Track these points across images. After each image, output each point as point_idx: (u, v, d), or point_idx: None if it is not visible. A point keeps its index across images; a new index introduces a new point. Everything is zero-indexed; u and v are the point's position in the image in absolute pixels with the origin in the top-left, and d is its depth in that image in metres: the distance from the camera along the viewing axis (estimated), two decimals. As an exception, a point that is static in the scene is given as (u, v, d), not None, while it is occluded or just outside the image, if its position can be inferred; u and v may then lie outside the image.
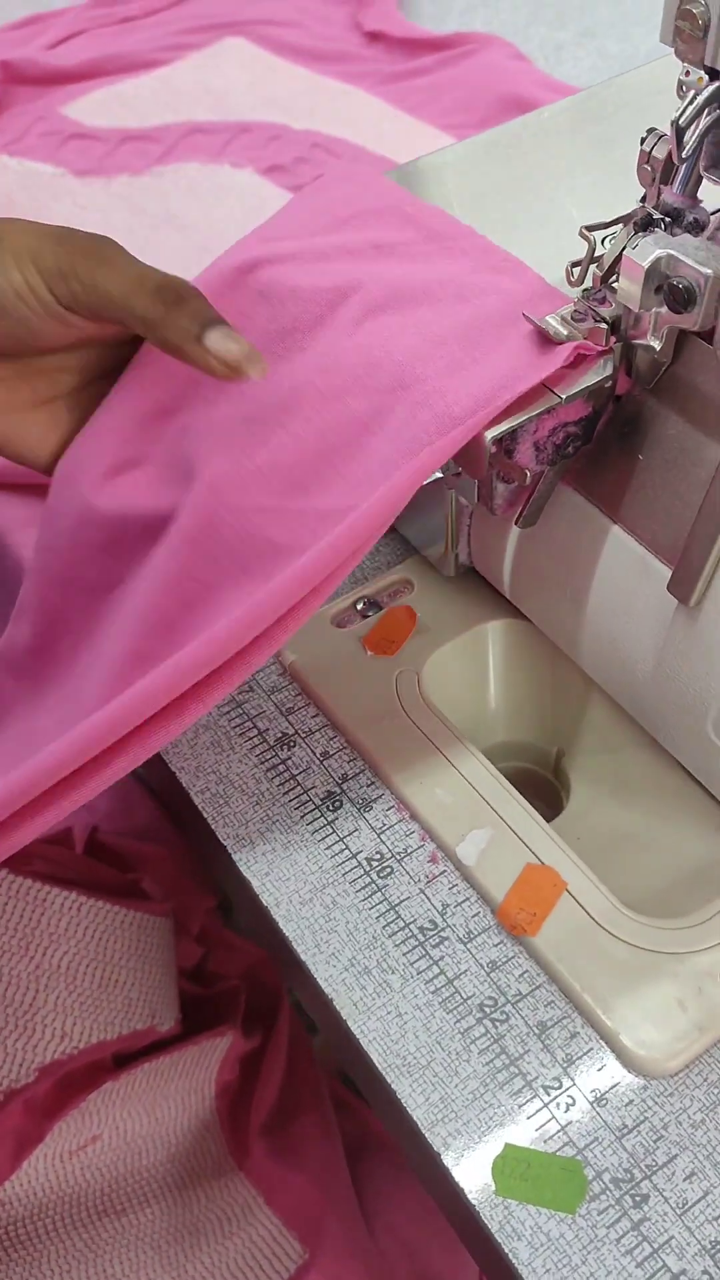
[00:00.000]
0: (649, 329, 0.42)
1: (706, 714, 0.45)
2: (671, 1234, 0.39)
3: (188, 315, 0.41)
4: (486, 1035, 0.44)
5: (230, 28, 1.01)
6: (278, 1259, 0.62)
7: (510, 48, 0.94)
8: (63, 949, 0.60)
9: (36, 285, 0.42)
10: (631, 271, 0.40)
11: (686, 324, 0.40)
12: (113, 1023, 0.62)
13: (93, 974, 0.62)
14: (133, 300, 0.41)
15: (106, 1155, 0.62)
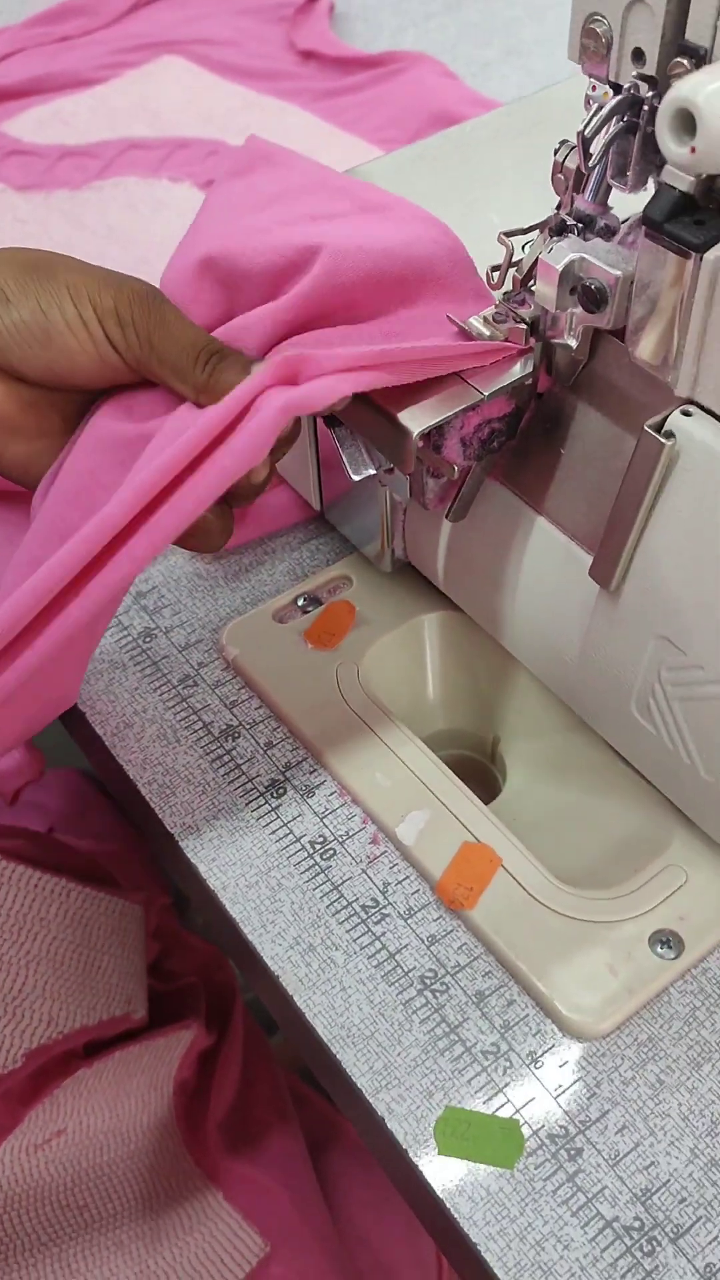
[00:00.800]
0: (565, 329, 0.44)
1: (630, 694, 0.47)
2: (604, 1184, 0.41)
3: (231, 367, 0.42)
4: (427, 1005, 0.46)
5: (167, 46, 1.03)
6: (239, 1253, 0.63)
7: (439, 65, 0.97)
8: (50, 933, 0.61)
9: (91, 322, 0.42)
10: (547, 274, 0.42)
11: (599, 323, 0.43)
12: (95, 1008, 0.63)
13: (77, 959, 0.63)
14: (181, 364, 0.43)
15: (70, 1150, 0.63)
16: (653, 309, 0.40)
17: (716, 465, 0.40)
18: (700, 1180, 0.41)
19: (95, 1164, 0.64)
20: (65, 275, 0.43)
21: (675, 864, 0.48)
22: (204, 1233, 0.64)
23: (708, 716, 0.44)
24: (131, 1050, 0.65)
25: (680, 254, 0.38)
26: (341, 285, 0.44)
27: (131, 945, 0.66)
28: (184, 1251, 0.63)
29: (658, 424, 0.41)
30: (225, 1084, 0.70)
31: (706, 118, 0.30)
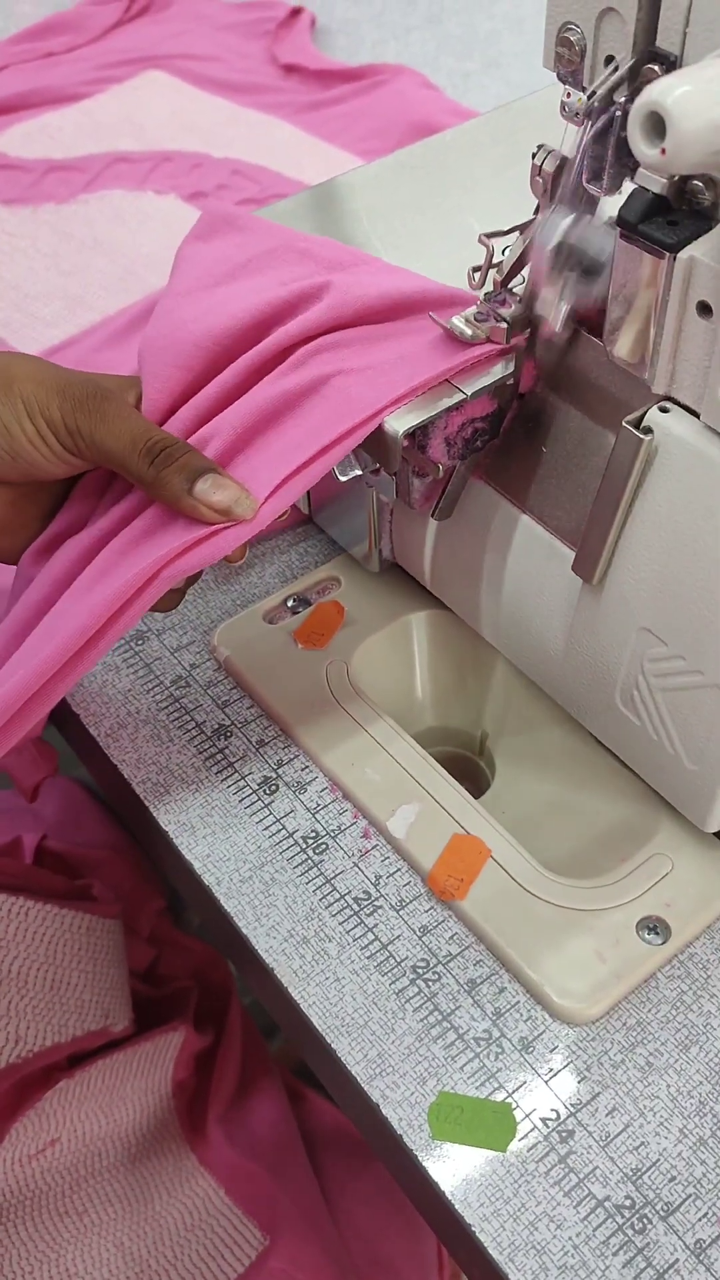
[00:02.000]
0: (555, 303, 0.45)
1: (614, 686, 0.48)
2: (596, 1164, 0.42)
3: (176, 472, 0.44)
4: (420, 994, 0.47)
5: (151, 61, 1.04)
6: (239, 1246, 0.64)
7: (420, 77, 0.98)
8: (12, 954, 0.62)
9: (46, 435, 0.45)
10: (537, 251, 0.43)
11: (590, 295, 0.43)
12: (66, 1025, 0.64)
13: (43, 977, 0.63)
14: (129, 460, 0.45)
15: (65, 1158, 0.63)
16: (629, 308, 0.41)
17: (694, 460, 0.41)
18: (689, 1159, 0.42)
19: (94, 1169, 0.64)
20: (20, 386, 0.45)
21: (661, 852, 0.49)
22: (205, 1229, 0.65)
23: (690, 707, 0.45)
24: (117, 1058, 0.66)
25: (654, 254, 0.39)
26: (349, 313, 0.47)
27: (106, 959, 0.67)
28: (185, 1249, 0.64)
29: (636, 420, 0.42)
30: (224, 1082, 0.71)
31: (675, 120, 0.31)
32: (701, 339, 0.39)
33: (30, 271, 0.83)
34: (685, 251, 0.38)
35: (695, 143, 0.31)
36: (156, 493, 0.45)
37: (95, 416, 0.45)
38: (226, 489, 0.44)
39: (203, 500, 0.44)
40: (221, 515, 0.44)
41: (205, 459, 0.45)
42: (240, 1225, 0.65)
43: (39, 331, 0.79)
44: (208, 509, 0.44)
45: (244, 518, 0.44)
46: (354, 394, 0.44)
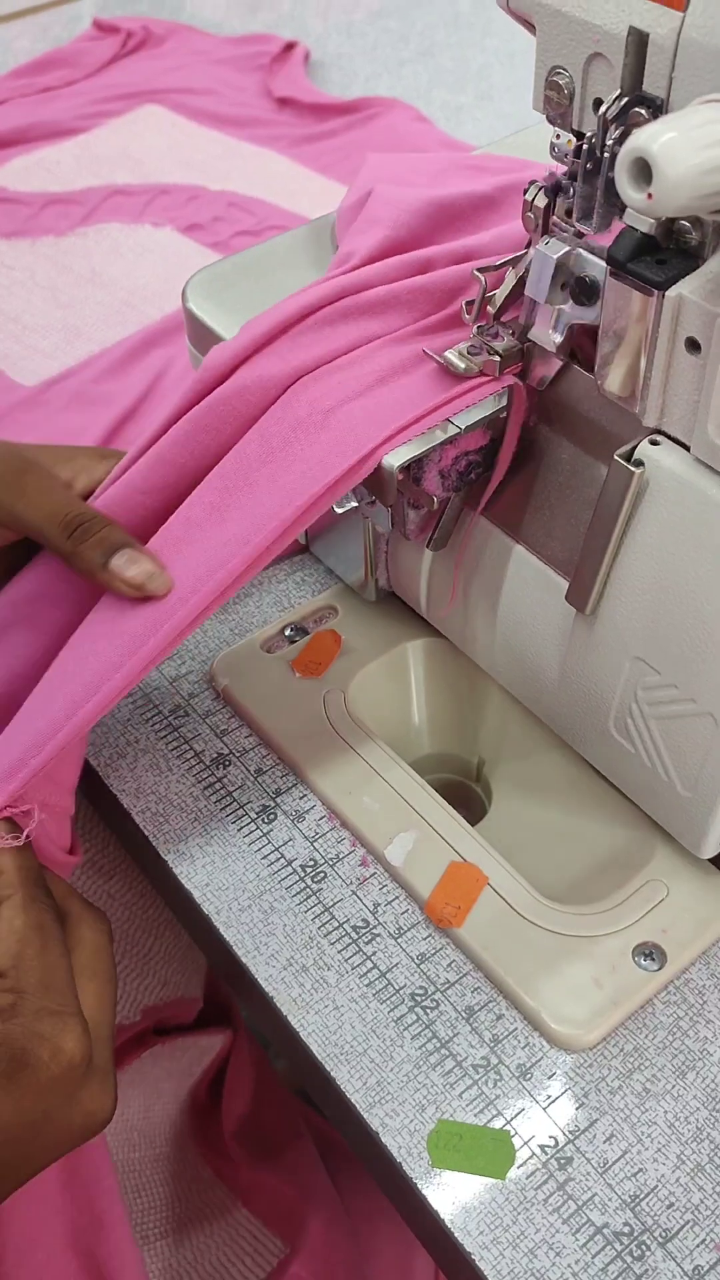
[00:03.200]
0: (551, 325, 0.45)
1: (608, 714, 0.49)
2: (594, 1191, 0.43)
3: (93, 547, 0.46)
4: (418, 1022, 0.47)
5: (148, 96, 1.06)
6: (259, 1254, 0.64)
7: (412, 110, 1.00)
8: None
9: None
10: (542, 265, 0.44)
11: (588, 318, 0.44)
12: (192, 980, 0.65)
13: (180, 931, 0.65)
14: (46, 532, 0.47)
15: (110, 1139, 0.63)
16: (620, 344, 0.42)
17: (684, 492, 0.42)
18: (687, 1185, 0.43)
19: (127, 1159, 0.64)
20: None
21: (657, 878, 0.50)
22: (225, 1235, 0.65)
23: (683, 734, 0.46)
24: (185, 1042, 0.66)
25: (644, 292, 0.40)
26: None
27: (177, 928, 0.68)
28: (206, 1252, 0.64)
29: (627, 453, 0.43)
30: (236, 1096, 0.71)
31: (661, 165, 0.32)
32: (690, 374, 0.40)
33: (28, 304, 0.84)
34: (673, 289, 0.39)
35: (680, 187, 0.32)
36: (74, 565, 0.47)
37: (15, 490, 0.47)
38: (140, 564, 0.46)
39: (117, 575, 0.45)
40: (135, 590, 0.45)
41: (123, 534, 0.47)
42: (259, 1234, 0.65)
43: (37, 363, 0.79)
44: (122, 583, 0.45)
45: (157, 594, 0.45)
46: (355, 429, 0.45)
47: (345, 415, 0.46)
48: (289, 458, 0.46)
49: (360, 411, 0.46)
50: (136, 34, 1.13)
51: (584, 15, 0.39)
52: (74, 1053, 0.39)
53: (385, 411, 0.46)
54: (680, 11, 0.36)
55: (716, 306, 0.38)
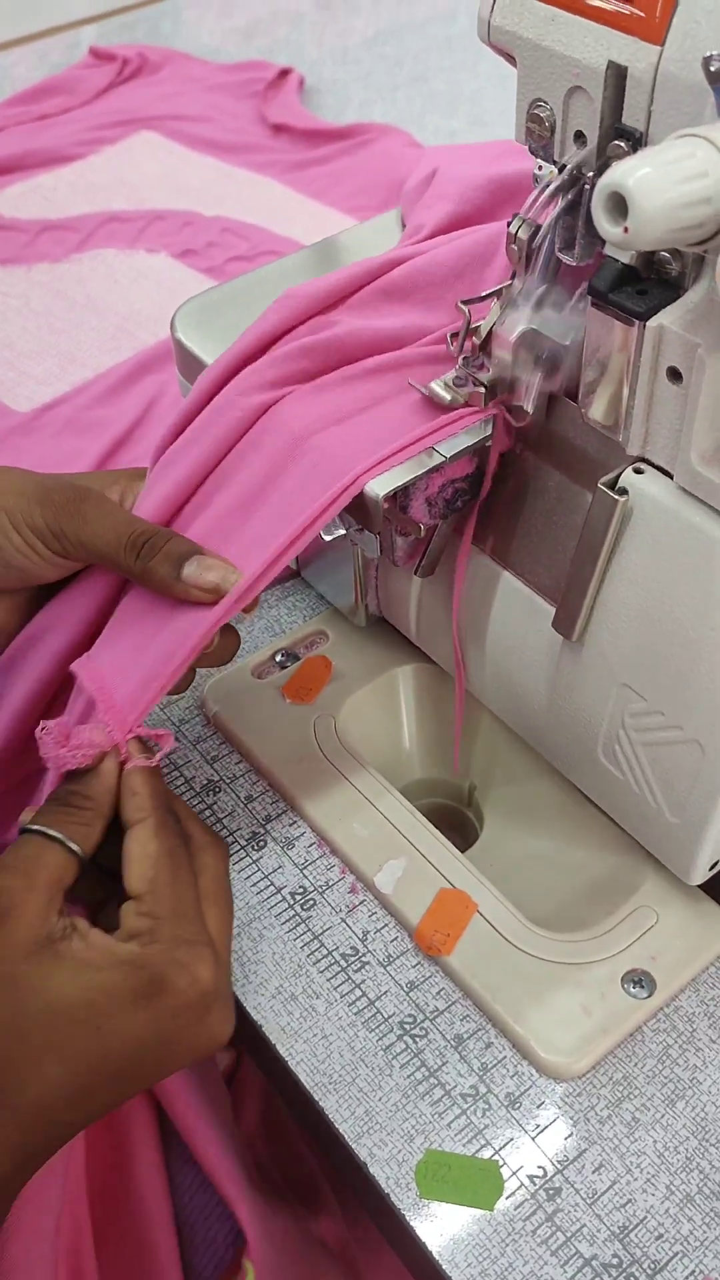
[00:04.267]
0: (522, 393, 0.46)
1: (596, 740, 0.49)
2: (583, 1222, 0.42)
3: (162, 561, 0.46)
4: (407, 1050, 0.47)
5: (143, 122, 1.07)
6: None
7: (405, 136, 1.01)
8: None
9: (34, 543, 0.47)
10: (501, 344, 0.45)
11: (551, 388, 0.45)
12: None
13: None
14: (116, 555, 0.47)
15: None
16: (602, 373, 0.42)
17: (668, 520, 0.42)
18: (676, 1216, 0.42)
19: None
20: (2, 500, 0.47)
21: (646, 905, 0.50)
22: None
23: (670, 761, 0.46)
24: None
25: (625, 322, 0.40)
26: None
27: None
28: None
29: (611, 481, 0.43)
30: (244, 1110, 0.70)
31: (637, 200, 0.32)
32: (672, 403, 0.40)
33: (23, 330, 0.84)
34: (654, 320, 0.39)
35: (656, 222, 0.32)
36: (146, 582, 0.46)
37: (78, 519, 0.47)
38: (213, 569, 0.45)
39: (192, 583, 0.45)
40: (212, 594, 0.45)
41: (188, 542, 0.46)
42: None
43: (31, 389, 0.80)
44: (198, 591, 0.45)
45: (231, 591, 0.45)
46: (337, 460, 0.45)
47: (329, 444, 0.46)
48: (277, 488, 0.46)
49: (344, 441, 0.46)
50: (132, 61, 1.14)
51: (563, 49, 0.39)
52: (207, 981, 0.41)
53: (369, 442, 0.46)
54: (658, 46, 0.37)
55: (697, 337, 0.38)
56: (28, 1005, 0.39)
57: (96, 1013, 0.40)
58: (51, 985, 0.39)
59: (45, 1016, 0.39)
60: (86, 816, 0.44)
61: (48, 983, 0.39)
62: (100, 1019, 0.39)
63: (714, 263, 0.36)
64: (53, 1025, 0.39)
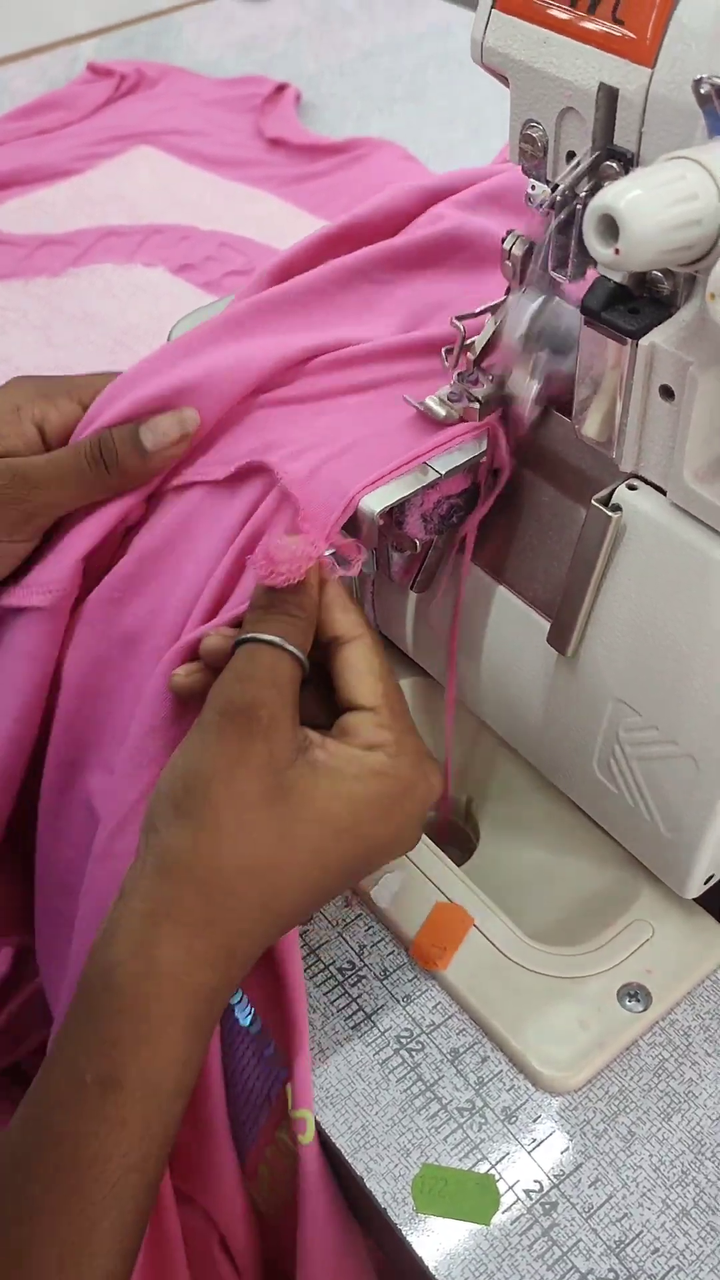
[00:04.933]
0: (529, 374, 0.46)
1: (592, 754, 0.49)
2: (579, 1237, 0.42)
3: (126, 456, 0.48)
4: (404, 1065, 0.47)
5: (140, 137, 1.07)
6: None
7: (400, 150, 1.01)
8: None
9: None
10: (497, 357, 0.45)
11: (562, 366, 0.45)
12: None
13: None
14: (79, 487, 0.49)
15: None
16: (596, 390, 0.42)
17: (661, 537, 0.42)
18: (672, 1230, 0.42)
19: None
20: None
21: (642, 918, 0.50)
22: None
23: (665, 775, 0.46)
24: None
25: (617, 340, 0.40)
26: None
27: None
28: None
29: (605, 498, 0.43)
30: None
31: (628, 222, 0.32)
32: (665, 421, 0.41)
33: (21, 345, 0.85)
34: (647, 338, 0.39)
35: (647, 243, 0.33)
36: (126, 485, 0.48)
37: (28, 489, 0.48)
38: (161, 425, 0.48)
39: (161, 451, 0.48)
40: (182, 442, 0.48)
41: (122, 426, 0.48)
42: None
43: (30, 403, 0.80)
44: (171, 449, 0.48)
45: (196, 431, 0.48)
46: (339, 480, 0.46)
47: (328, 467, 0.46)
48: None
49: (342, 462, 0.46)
50: (130, 76, 1.14)
51: (555, 71, 0.40)
52: (437, 789, 0.44)
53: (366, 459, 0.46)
54: (649, 68, 0.37)
55: (689, 355, 0.38)
56: (300, 815, 0.40)
57: (359, 821, 0.41)
58: (317, 795, 0.41)
59: (314, 827, 0.41)
60: (303, 626, 0.43)
61: (313, 793, 0.41)
62: (362, 827, 0.41)
63: (705, 282, 0.36)
64: (321, 835, 0.41)
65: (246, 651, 0.42)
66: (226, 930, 0.39)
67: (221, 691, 0.42)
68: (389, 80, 1.17)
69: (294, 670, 0.42)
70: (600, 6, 0.38)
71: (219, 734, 0.41)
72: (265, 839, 0.40)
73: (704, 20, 0.35)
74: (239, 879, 0.40)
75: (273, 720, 0.41)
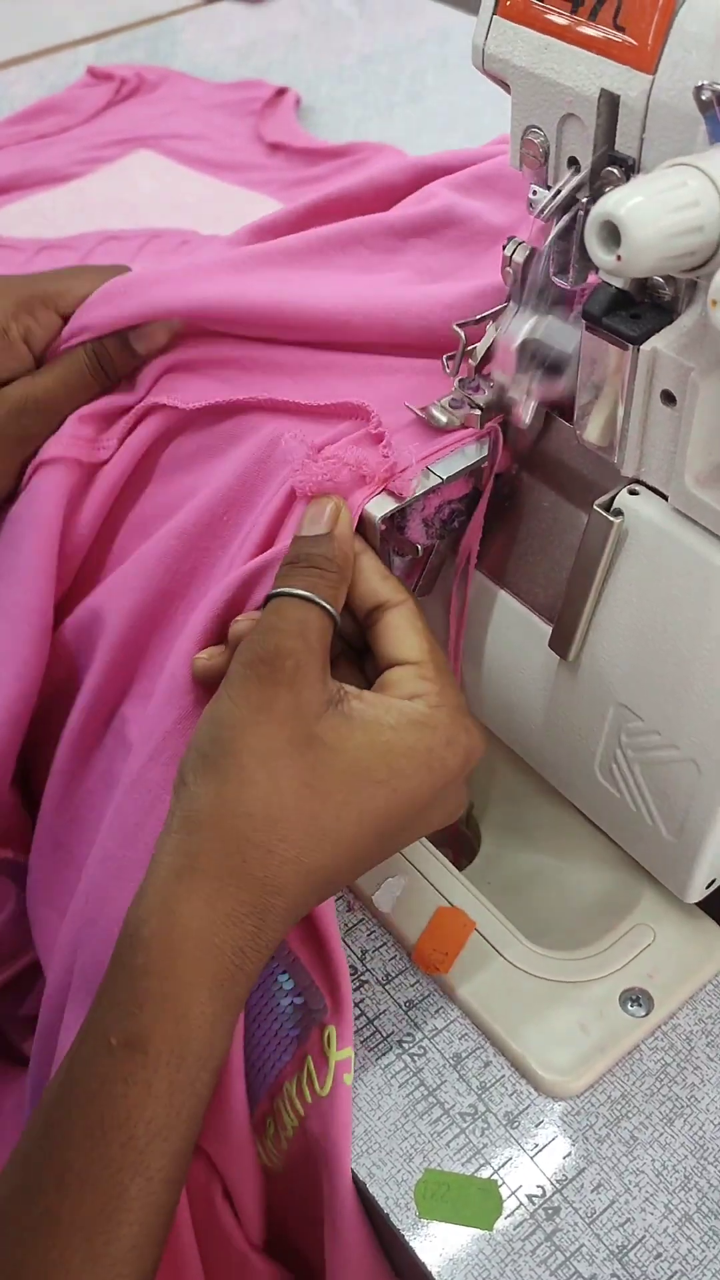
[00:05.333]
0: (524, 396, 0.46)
1: (593, 759, 0.49)
2: (582, 1242, 0.42)
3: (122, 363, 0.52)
4: (406, 1070, 0.47)
5: (140, 141, 1.07)
6: None
7: (400, 154, 1.01)
8: None
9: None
10: (499, 364, 0.45)
11: (556, 390, 0.45)
12: None
13: None
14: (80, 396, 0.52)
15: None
16: (597, 396, 0.42)
17: (662, 541, 0.42)
18: (675, 1235, 0.42)
19: None
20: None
21: (644, 923, 0.50)
22: None
23: (667, 779, 0.46)
24: None
25: (619, 346, 0.40)
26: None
27: None
28: None
29: (606, 503, 0.43)
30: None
31: (629, 229, 0.32)
32: (667, 426, 0.41)
33: (22, 349, 0.85)
34: (648, 343, 0.39)
35: (648, 250, 0.33)
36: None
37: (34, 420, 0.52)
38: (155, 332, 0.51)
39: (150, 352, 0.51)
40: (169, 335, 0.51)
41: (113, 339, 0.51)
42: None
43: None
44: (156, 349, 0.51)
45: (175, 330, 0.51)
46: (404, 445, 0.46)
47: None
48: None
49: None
50: (130, 81, 1.14)
51: (556, 77, 0.40)
52: (479, 746, 0.43)
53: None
54: (650, 75, 0.37)
55: (690, 360, 0.38)
56: (331, 764, 0.39)
57: (396, 773, 0.40)
58: (349, 746, 0.40)
59: (347, 777, 0.39)
60: (333, 579, 0.43)
61: (346, 744, 0.40)
62: (399, 780, 0.40)
63: (706, 288, 0.36)
64: (354, 786, 0.39)
65: (274, 605, 0.42)
66: (254, 886, 0.38)
67: (248, 645, 0.41)
68: (388, 85, 1.17)
69: (323, 622, 0.42)
70: (601, 13, 0.38)
71: (243, 684, 0.40)
72: (291, 787, 0.39)
73: (705, 27, 0.35)
74: (265, 830, 0.38)
75: (298, 669, 0.40)
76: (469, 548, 0.50)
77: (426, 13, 1.30)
